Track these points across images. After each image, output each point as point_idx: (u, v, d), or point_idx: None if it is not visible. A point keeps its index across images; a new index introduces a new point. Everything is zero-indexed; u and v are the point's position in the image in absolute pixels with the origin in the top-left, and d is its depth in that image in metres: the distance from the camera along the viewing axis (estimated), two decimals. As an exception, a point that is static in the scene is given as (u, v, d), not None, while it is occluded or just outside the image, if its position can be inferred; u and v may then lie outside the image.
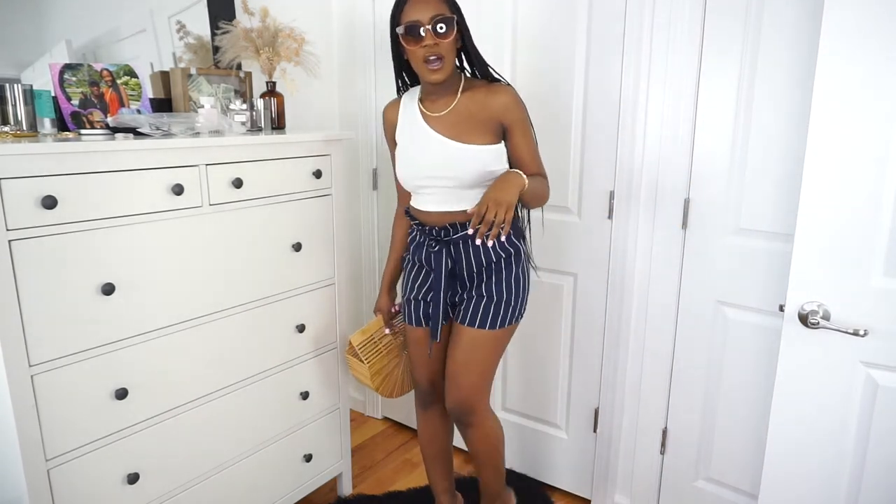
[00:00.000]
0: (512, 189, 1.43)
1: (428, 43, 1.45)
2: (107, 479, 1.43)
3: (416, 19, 1.44)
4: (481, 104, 1.53)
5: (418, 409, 1.86)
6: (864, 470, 1.31)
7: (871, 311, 1.24)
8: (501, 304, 1.60)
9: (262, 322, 1.73)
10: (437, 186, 1.57)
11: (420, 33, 1.45)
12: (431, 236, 1.62)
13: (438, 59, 1.47)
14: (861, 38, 1.17)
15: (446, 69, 1.49)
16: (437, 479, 1.91)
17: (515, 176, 1.46)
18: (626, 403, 1.98)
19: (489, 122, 1.53)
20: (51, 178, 1.24)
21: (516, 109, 1.54)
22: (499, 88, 1.54)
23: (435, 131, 1.56)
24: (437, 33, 1.45)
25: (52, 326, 1.28)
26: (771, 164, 1.60)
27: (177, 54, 1.91)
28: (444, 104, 1.57)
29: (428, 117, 1.58)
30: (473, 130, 1.53)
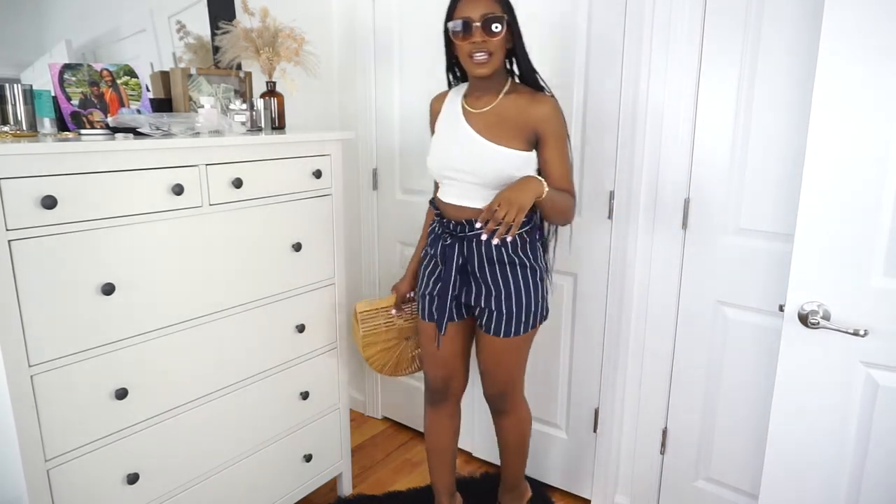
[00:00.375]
0: (527, 192, 1.44)
1: (476, 40, 1.48)
2: (107, 479, 1.43)
3: (468, 16, 1.48)
4: (521, 109, 1.54)
5: (427, 406, 1.87)
6: (864, 470, 1.31)
7: (871, 311, 1.24)
8: (522, 315, 1.62)
9: (262, 322, 1.73)
10: (460, 180, 1.59)
11: (470, 30, 1.48)
12: (447, 230, 1.65)
13: (486, 53, 1.49)
14: (861, 39, 1.17)
15: (492, 65, 1.50)
16: (439, 478, 1.91)
17: (535, 181, 1.47)
18: (626, 403, 1.98)
19: (524, 129, 1.54)
20: (51, 178, 1.24)
21: (554, 122, 1.54)
22: (541, 98, 1.55)
23: (470, 127, 1.58)
24: (487, 31, 1.47)
25: (52, 326, 1.28)
26: (771, 164, 1.60)
27: (177, 54, 1.91)
28: (486, 102, 1.59)
29: (468, 113, 1.61)
30: (507, 133, 1.55)
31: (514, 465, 1.89)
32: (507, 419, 1.81)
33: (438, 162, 1.63)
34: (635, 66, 1.75)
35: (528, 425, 1.86)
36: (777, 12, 1.53)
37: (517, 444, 1.85)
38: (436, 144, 1.66)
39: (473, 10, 1.47)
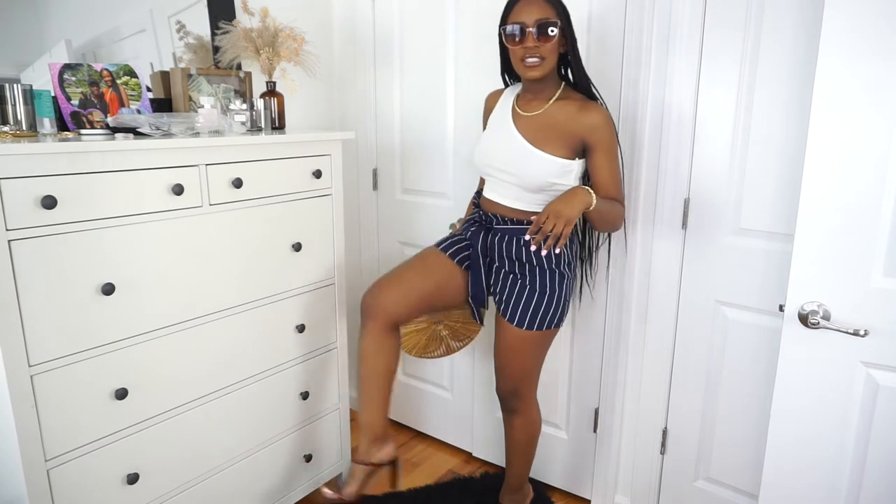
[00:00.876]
0: (576, 204, 1.45)
1: (529, 44, 1.49)
2: (107, 479, 1.43)
3: (522, 21, 1.49)
4: (570, 117, 1.55)
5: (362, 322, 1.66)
6: (864, 470, 1.31)
7: (871, 311, 1.24)
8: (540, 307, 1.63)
9: (262, 322, 1.73)
10: (500, 179, 1.63)
11: (524, 34, 1.49)
12: (481, 221, 1.71)
13: (538, 58, 1.50)
14: (861, 39, 1.17)
15: (543, 69, 1.52)
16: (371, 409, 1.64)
17: (584, 193, 1.48)
18: (626, 403, 1.98)
19: (572, 137, 1.55)
20: (51, 178, 1.24)
21: (604, 131, 1.54)
22: (591, 107, 1.55)
23: (517, 129, 1.60)
24: (540, 36, 1.48)
25: (52, 326, 1.28)
26: (771, 165, 1.60)
27: (177, 54, 1.91)
28: (536, 107, 1.60)
29: (517, 114, 1.63)
30: (553, 140, 1.56)
31: (519, 466, 1.89)
32: (517, 419, 1.81)
33: (483, 158, 1.67)
34: (635, 66, 1.75)
35: (538, 428, 1.86)
36: (777, 13, 1.53)
37: (524, 446, 1.85)
38: (483, 141, 1.70)
39: (528, 15, 1.49)
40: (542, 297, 1.63)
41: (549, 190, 1.58)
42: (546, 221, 1.43)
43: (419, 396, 2.52)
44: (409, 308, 1.68)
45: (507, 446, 1.88)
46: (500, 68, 1.72)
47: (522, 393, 1.77)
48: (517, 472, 1.91)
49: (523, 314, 1.64)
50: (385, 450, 1.67)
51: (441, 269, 1.73)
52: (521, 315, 1.64)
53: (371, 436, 1.65)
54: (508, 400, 1.79)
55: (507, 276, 1.68)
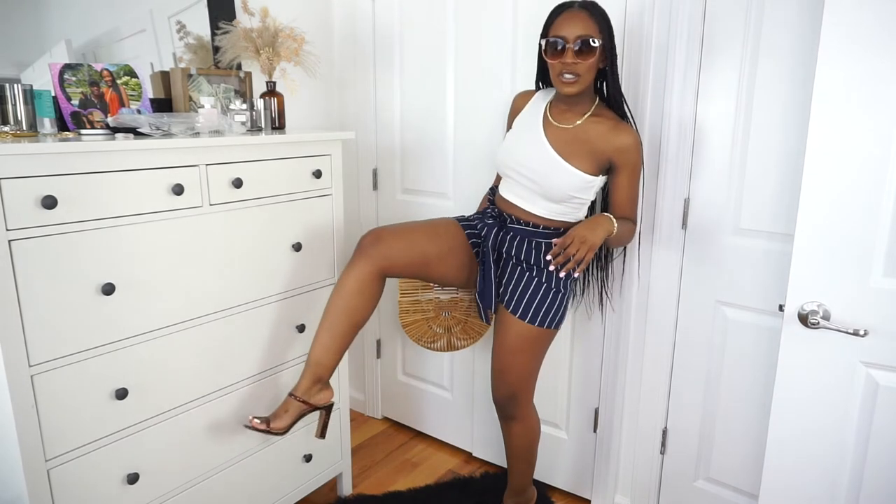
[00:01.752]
0: (600, 232, 1.50)
1: (568, 60, 1.48)
2: (107, 479, 1.43)
3: (563, 35, 1.48)
4: (602, 135, 1.55)
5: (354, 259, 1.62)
6: (864, 469, 1.31)
7: (871, 311, 1.24)
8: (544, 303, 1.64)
9: (262, 322, 1.73)
10: (521, 183, 1.63)
11: (564, 49, 1.49)
12: (493, 216, 1.72)
13: (575, 75, 1.50)
14: (861, 39, 1.17)
15: (579, 85, 1.51)
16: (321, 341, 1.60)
17: (607, 221, 1.53)
18: (626, 403, 1.98)
19: (600, 155, 1.56)
20: (51, 178, 1.24)
21: (632, 155, 1.56)
22: (624, 128, 1.56)
23: (546, 138, 1.60)
24: (580, 53, 1.48)
25: (52, 326, 1.28)
26: (771, 165, 1.60)
27: (177, 54, 1.91)
28: (569, 119, 1.60)
29: (548, 123, 1.62)
30: (581, 154, 1.56)
31: (521, 471, 1.89)
32: (515, 426, 1.80)
33: (505, 160, 1.66)
34: (635, 66, 1.75)
35: (537, 433, 1.86)
36: (777, 14, 1.53)
37: (525, 452, 1.85)
38: (508, 141, 1.70)
39: (570, 30, 1.48)
40: (548, 293, 1.64)
41: (569, 202, 1.60)
42: (571, 245, 1.46)
43: (419, 396, 2.52)
44: (406, 263, 1.64)
45: (508, 453, 1.88)
46: (535, 76, 1.72)
47: (520, 398, 1.75)
48: (520, 476, 1.90)
49: (527, 307, 1.65)
50: (325, 392, 1.62)
51: (450, 239, 1.71)
52: (525, 308, 1.65)
53: (316, 376, 1.59)
54: (506, 407, 1.78)
55: (514, 269, 1.69)
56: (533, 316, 1.65)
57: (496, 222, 1.71)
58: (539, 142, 1.60)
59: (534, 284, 1.65)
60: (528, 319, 1.65)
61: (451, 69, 2.15)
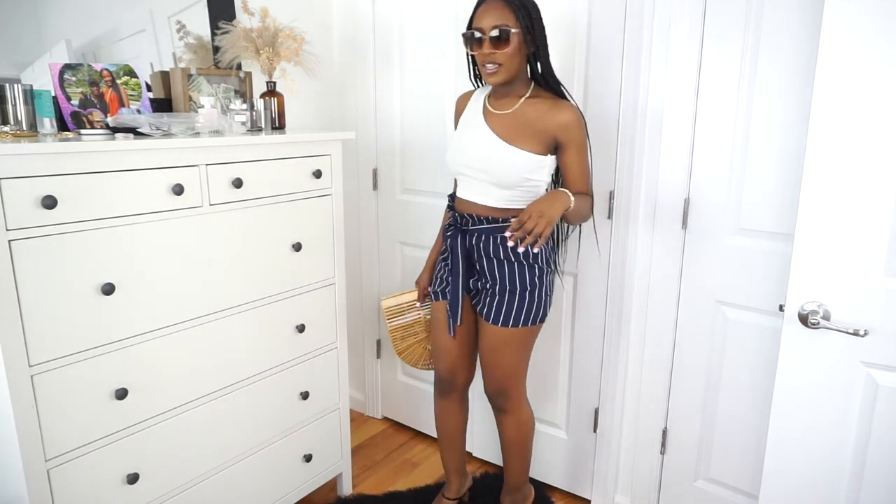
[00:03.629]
0: (557, 206, 1.50)
1: (486, 51, 1.52)
2: (107, 479, 1.43)
3: (479, 27, 1.52)
4: (542, 115, 1.57)
5: (436, 394, 1.92)
6: (864, 470, 1.31)
7: (871, 311, 1.24)
8: (522, 307, 1.66)
9: (262, 322, 1.73)
10: (474, 177, 1.64)
11: (481, 41, 1.52)
12: (455, 223, 1.72)
13: (495, 64, 1.53)
14: (862, 38, 1.17)
15: (502, 74, 1.54)
16: (449, 459, 1.99)
17: (563, 195, 1.52)
18: (626, 403, 1.98)
19: (543, 134, 1.58)
20: (51, 178, 1.24)
21: (575, 130, 1.57)
22: (564, 105, 1.58)
23: (489, 127, 1.62)
24: (496, 43, 1.50)
25: (52, 326, 1.28)
26: (771, 164, 1.60)
27: (177, 54, 1.91)
28: (507, 105, 1.62)
29: (488, 113, 1.65)
30: (525, 136, 1.58)
31: (515, 467, 1.89)
32: (507, 418, 1.82)
33: (455, 158, 1.69)
34: (635, 65, 1.75)
35: (531, 427, 1.86)
36: (777, 13, 1.53)
37: (518, 446, 1.85)
38: (454, 141, 1.71)
39: (486, 21, 1.51)
40: (523, 294, 1.65)
41: (523, 186, 1.60)
42: (528, 221, 1.46)
43: (419, 396, 2.52)
44: (472, 366, 1.87)
45: (502, 446, 1.89)
46: (469, 72, 1.72)
47: (510, 392, 1.77)
48: (515, 472, 1.91)
49: (500, 311, 1.66)
50: (467, 479, 2.08)
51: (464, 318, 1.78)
52: (500, 314, 1.66)
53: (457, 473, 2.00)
54: (496, 399, 1.80)
55: (483, 276, 1.69)
56: (506, 319, 1.66)
57: (458, 229, 1.70)
58: (482, 132, 1.62)
59: (507, 291, 1.65)
60: (502, 323, 1.67)
61: (452, 68, 2.15)
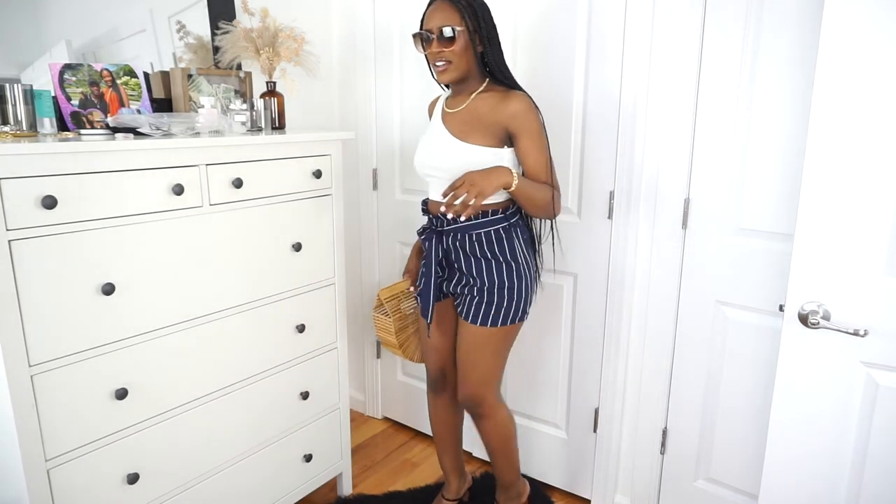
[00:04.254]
0: (492, 179, 1.52)
1: (433, 50, 1.57)
2: (107, 479, 1.43)
3: (428, 28, 1.57)
4: (491, 108, 1.59)
5: (428, 392, 1.95)
6: (864, 470, 1.31)
7: (871, 311, 1.24)
8: (501, 306, 1.66)
9: (262, 322, 1.73)
10: (438, 177, 1.66)
11: (429, 40, 1.57)
12: (433, 226, 1.72)
13: (444, 62, 1.57)
14: (863, 37, 1.17)
15: (452, 72, 1.58)
16: (446, 460, 2.00)
17: (503, 171, 1.54)
18: (626, 403, 1.98)
19: (495, 126, 1.58)
20: (51, 178, 1.24)
21: (524, 118, 1.56)
22: (512, 95, 1.58)
23: (444, 126, 1.66)
24: (443, 42, 1.55)
25: (52, 326, 1.28)
26: (771, 164, 1.60)
27: (177, 54, 1.91)
28: (460, 102, 1.65)
29: (445, 114, 1.68)
30: (477, 131, 1.60)
31: (502, 466, 1.88)
32: (485, 423, 1.79)
33: (418, 160, 1.72)
34: (636, 65, 1.75)
35: (510, 427, 1.83)
36: (777, 10, 1.53)
37: (501, 447, 1.83)
38: (419, 145, 1.74)
39: (433, 21, 1.56)
40: (501, 293, 1.64)
41: None
42: (461, 187, 1.49)
43: (419, 396, 2.52)
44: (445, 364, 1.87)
45: (486, 450, 1.87)
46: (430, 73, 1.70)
47: (483, 397, 1.74)
48: (504, 472, 1.89)
49: (478, 310, 1.66)
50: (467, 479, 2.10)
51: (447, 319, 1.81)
52: (479, 312, 1.66)
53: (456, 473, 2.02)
54: (471, 406, 1.78)
55: (462, 276, 1.70)
56: (483, 318, 1.66)
57: (434, 231, 1.70)
58: (439, 132, 1.66)
59: (486, 290, 1.65)
60: (480, 322, 1.66)
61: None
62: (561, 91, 1.91)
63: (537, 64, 1.94)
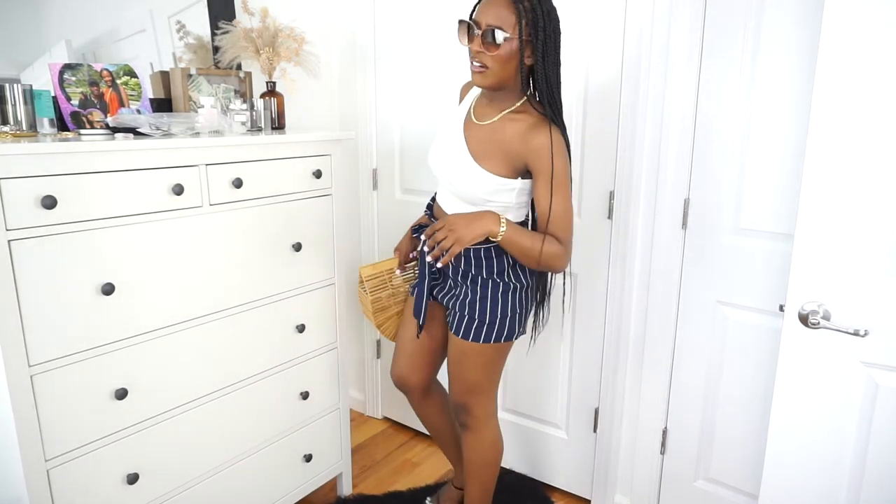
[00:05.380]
0: (474, 227, 1.40)
1: (474, 48, 1.38)
2: (107, 479, 1.43)
3: (477, 20, 1.37)
4: (516, 135, 1.42)
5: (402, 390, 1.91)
6: (864, 470, 1.31)
7: (871, 311, 1.24)
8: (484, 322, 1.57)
9: (262, 322, 1.73)
10: (444, 185, 1.59)
11: (472, 35, 1.38)
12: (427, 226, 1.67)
13: (482, 65, 1.38)
14: (862, 37, 1.17)
15: (487, 78, 1.40)
16: (448, 452, 1.98)
17: (490, 220, 1.41)
18: (626, 403, 1.98)
19: (513, 156, 1.43)
20: (51, 178, 1.24)
21: (546, 158, 1.38)
22: (541, 128, 1.39)
23: (463, 137, 1.51)
24: (486, 42, 1.36)
25: (52, 326, 1.28)
26: (771, 164, 1.60)
27: (177, 54, 1.91)
28: (488, 115, 1.48)
29: (469, 120, 1.53)
30: (495, 157, 1.45)
31: (473, 493, 1.77)
32: (467, 436, 1.71)
33: (432, 159, 1.60)
34: (636, 65, 1.75)
35: (493, 453, 1.72)
36: (778, 11, 1.53)
37: (476, 468, 1.73)
38: (436, 141, 1.61)
39: (483, 16, 1.36)
40: (488, 310, 1.55)
41: (487, 206, 1.48)
42: (440, 231, 1.39)
43: (419, 396, 2.52)
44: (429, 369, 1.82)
45: (464, 467, 1.78)
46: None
47: (471, 408, 1.67)
48: (471, 496, 1.77)
49: (468, 326, 1.57)
50: None
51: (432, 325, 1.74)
52: (465, 327, 1.58)
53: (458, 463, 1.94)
54: (458, 414, 1.71)
55: (453, 285, 1.63)
56: (466, 332, 1.58)
57: None
58: (457, 141, 1.50)
59: (473, 303, 1.56)
60: (464, 336, 1.58)
61: (451, 68, 2.15)
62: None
63: (537, 64, 1.94)
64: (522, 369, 2.20)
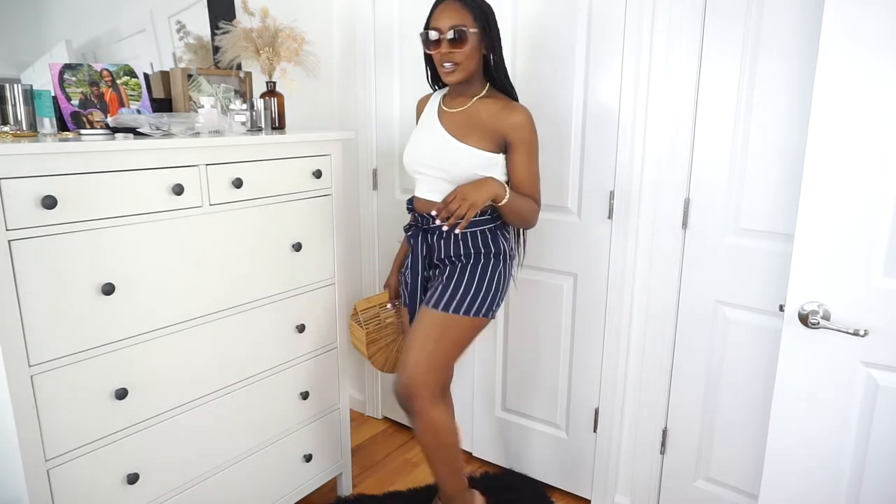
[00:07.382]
0: (483, 192, 1.54)
1: (443, 50, 1.55)
2: (107, 479, 1.43)
3: (437, 27, 1.55)
4: (494, 114, 1.59)
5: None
6: (864, 470, 1.31)
7: (871, 311, 1.24)
8: (468, 293, 1.61)
9: (262, 322, 1.73)
10: (429, 175, 1.66)
11: (438, 40, 1.55)
12: (415, 222, 1.73)
13: (453, 64, 1.55)
14: (862, 38, 1.17)
15: (459, 73, 1.57)
16: None
17: (495, 184, 1.56)
18: (626, 403, 1.98)
19: (494, 133, 1.59)
20: (51, 178, 1.24)
21: (524, 131, 1.58)
22: (515, 107, 1.60)
23: (442, 125, 1.65)
24: (454, 42, 1.53)
25: (52, 326, 1.28)
26: (771, 164, 1.60)
27: (177, 54, 1.91)
28: (460, 104, 1.65)
29: (442, 112, 1.68)
30: (476, 134, 1.60)
31: (439, 475, 1.74)
32: (416, 422, 1.65)
33: (411, 156, 1.71)
34: (636, 65, 1.75)
35: (443, 433, 1.67)
36: (778, 11, 1.53)
37: (433, 452, 1.69)
38: (411, 141, 1.74)
39: (444, 21, 1.54)
40: (475, 282, 1.63)
41: None
42: (452, 202, 1.51)
43: (419, 396, 2.52)
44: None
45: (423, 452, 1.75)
46: (427, 75, 1.73)
47: (418, 389, 1.60)
48: (442, 482, 1.75)
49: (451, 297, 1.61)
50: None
51: None
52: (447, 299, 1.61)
53: None
54: (405, 399, 1.64)
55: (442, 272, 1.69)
56: (447, 303, 1.60)
57: (419, 228, 1.70)
58: (436, 130, 1.65)
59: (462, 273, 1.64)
60: (444, 307, 1.60)
61: (451, 69, 2.15)
62: (561, 91, 1.91)
63: (537, 65, 1.94)
64: (522, 369, 2.20)
